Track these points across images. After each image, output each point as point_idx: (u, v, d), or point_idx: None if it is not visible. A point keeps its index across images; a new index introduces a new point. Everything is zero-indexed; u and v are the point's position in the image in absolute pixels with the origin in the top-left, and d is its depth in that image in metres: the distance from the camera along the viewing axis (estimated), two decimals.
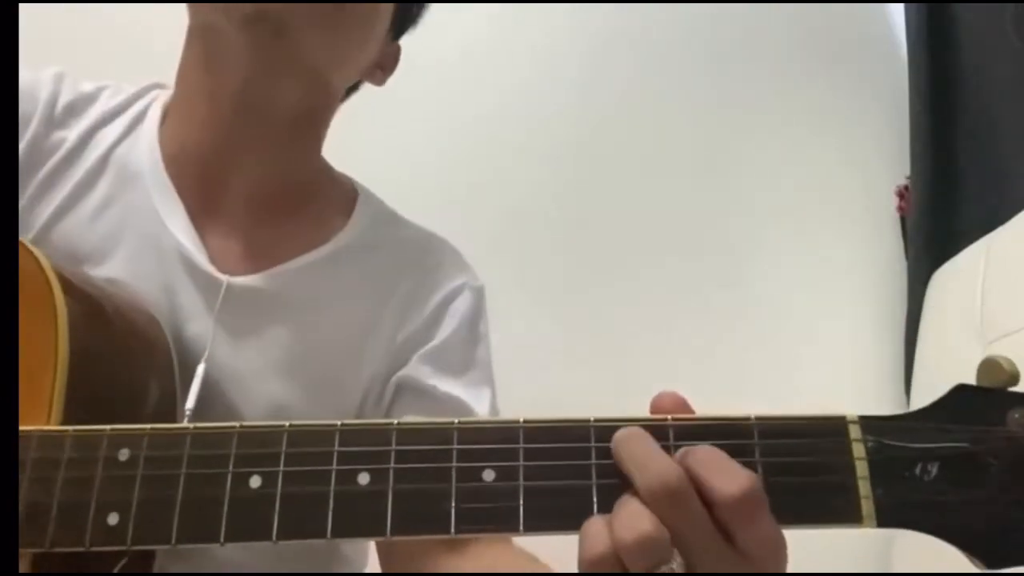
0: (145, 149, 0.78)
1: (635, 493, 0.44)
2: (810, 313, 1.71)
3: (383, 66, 0.88)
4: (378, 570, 0.81)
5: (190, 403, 0.69)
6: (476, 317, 0.85)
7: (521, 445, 0.47)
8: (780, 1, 1.86)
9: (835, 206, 1.79)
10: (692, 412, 0.49)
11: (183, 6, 0.80)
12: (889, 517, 0.45)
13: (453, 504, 0.47)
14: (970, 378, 0.49)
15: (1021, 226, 1.35)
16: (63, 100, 0.79)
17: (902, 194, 1.78)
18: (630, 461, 0.45)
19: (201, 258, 0.75)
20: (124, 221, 0.75)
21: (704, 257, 1.72)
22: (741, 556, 0.43)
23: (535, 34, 1.80)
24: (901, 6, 1.85)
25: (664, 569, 0.42)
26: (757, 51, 1.86)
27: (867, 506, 0.45)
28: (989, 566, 0.44)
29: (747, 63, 1.85)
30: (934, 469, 0.45)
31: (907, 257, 1.73)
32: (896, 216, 1.78)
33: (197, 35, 0.77)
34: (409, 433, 0.49)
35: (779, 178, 1.79)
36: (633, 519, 0.43)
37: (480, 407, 0.80)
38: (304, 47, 0.74)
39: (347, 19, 0.77)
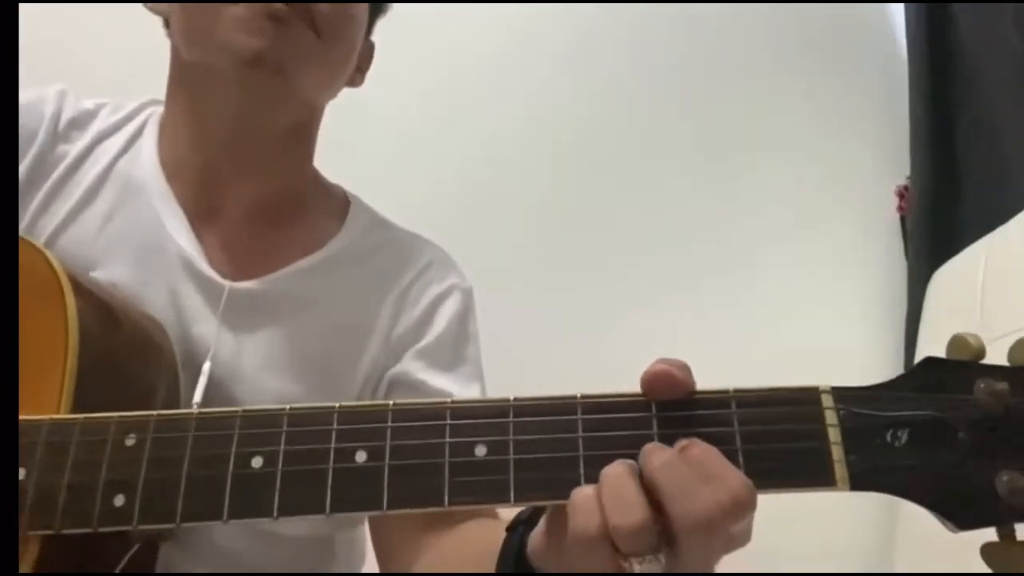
0: (146, 162, 0.81)
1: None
2: (810, 313, 1.72)
3: (360, 67, 0.91)
4: (375, 570, 0.83)
5: (197, 397, 0.71)
6: (465, 317, 0.88)
7: (511, 419, 0.49)
8: (779, 1, 1.88)
9: (835, 206, 1.80)
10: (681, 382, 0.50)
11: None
12: (862, 481, 0.46)
13: (446, 478, 0.48)
14: None
15: (1021, 226, 1.35)
16: (66, 116, 0.82)
17: (902, 194, 1.78)
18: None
19: (203, 264, 0.77)
20: (128, 230, 0.78)
21: (703, 257, 1.73)
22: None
23: (532, 33, 1.81)
24: (901, 6, 1.85)
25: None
26: (757, 51, 1.87)
27: (840, 470, 0.46)
28: (959, 527, 0.45)
29: (747, 63, 1.86)
30: (904, 435, 0.46)
31: (907, 257, 1.73)
32: (896, 216, 1.78)
33: (187, 68, 0.80)
34: (404, 412, 0.50)
35: (779, 178, 1.80)
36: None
37: None
38: (298, 84, 0.77)
39: (337, 55, 0.81)
